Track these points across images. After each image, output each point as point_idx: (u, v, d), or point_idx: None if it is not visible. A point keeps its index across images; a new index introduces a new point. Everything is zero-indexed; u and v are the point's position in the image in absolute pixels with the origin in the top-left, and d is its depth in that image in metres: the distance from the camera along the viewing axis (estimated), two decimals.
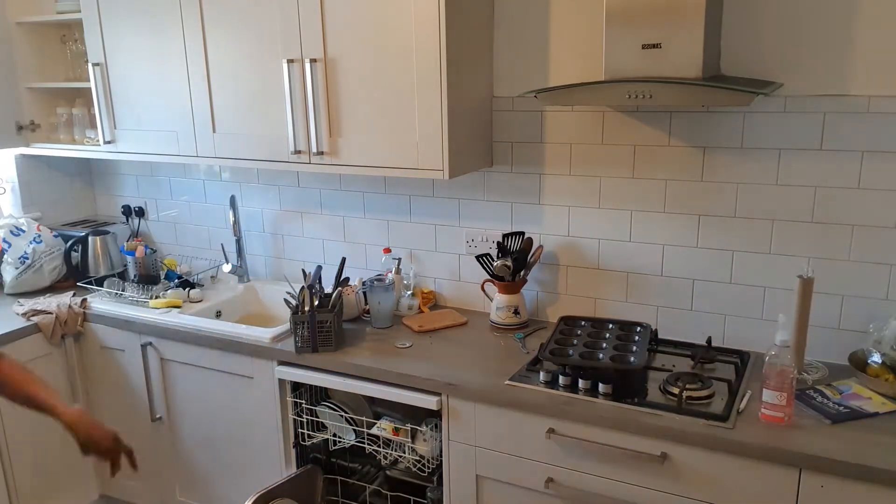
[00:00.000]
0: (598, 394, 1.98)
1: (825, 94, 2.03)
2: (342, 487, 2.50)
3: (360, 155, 2.37)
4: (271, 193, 3.00)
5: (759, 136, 2.12)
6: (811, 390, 1.96)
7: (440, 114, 2.19)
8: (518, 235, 2.50)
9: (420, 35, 2.16)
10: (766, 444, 1.73)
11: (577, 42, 2.29)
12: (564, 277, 2.51)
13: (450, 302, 2.75)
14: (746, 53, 2.09)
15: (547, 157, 2.43)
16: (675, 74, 1.91)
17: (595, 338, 2.22)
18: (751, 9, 2.07)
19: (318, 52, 2.34)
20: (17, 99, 3.09)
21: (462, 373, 2.15)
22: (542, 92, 2.06)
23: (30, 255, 2.98)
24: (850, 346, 2.09)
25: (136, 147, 2.82)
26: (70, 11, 2.89)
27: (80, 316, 2.82)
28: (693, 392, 1.93)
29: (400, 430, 2.24)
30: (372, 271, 2.76)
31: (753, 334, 2.24)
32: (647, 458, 1.86)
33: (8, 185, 3.24)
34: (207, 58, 2.55)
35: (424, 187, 2.67)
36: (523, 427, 2.02)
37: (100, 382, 2.87)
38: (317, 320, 2.30)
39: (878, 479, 1.63)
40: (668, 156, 2.25)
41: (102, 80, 2.81)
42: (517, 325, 2.49)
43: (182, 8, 2.54)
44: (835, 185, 2.06)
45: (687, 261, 2.30)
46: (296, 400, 2.40)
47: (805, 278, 2.00)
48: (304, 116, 2.40)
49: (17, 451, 2.72)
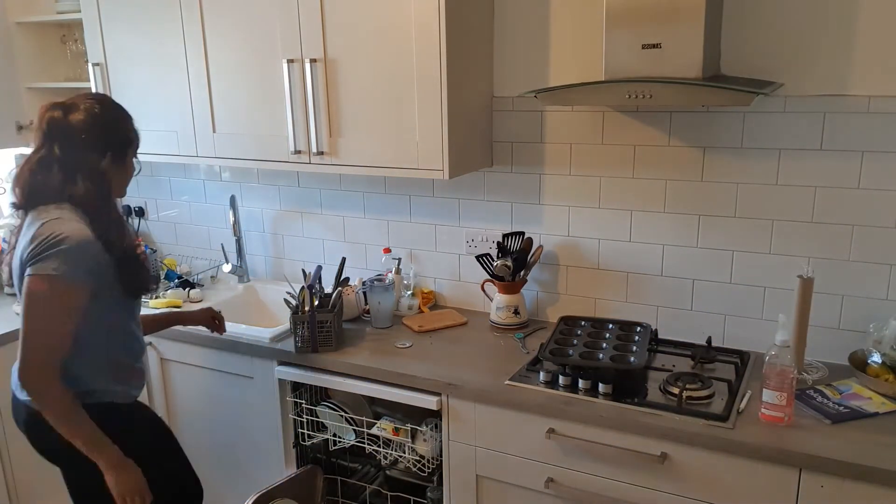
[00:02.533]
0: (598, 394, 1.98)
1: (825, 94, 2.03)
2: (342, 487, 2.50)
3: (360, 155, 2.37)
4: (271, 193, 3.00)
5: (759, 136, 2.12)
6: (811, 390, 1.96)
7: (440, 114, 2.19)
8: (518, 235, 2.50)
9: (420, 35, 2.16)
10: (766, 444, 1.73)
11: (577, 42, 2.29)
12: (564, 277, 2.51)
13: (450, 302, 2.75)
14: (746, 53, 2.09)
15: (547, 157, 2.43)
16: (675, 74, 1.91)
17: (595, 338, 2.22)
18: (751, 9, 2.07)
19: (318, 52, 2.34)
20: (17, 99, 3.08)
21: (462, 373, 2.15)
22: (542, 92, 2.06)
23: None
24: (850, 346, 2.09)
25: None
26: (70, 11, 2.89)
27: None
28: (693, 392, 1.93)
29: (400, 430, 2.25)
30: (372, 271, 2.76)
31: (753, 334, 2.24)
32: (647, 458, 1.86)
33: (8, 185, 3.24)
34: (207, 58, 2.55)
35: (424, 187, 2.67)
36: (523, 427, 2.02)
37: None
38: (317, 320, 2.30)
39: (878, 479, 1.63)
40: (668, 156, 2.25)
41: (102, 80, 2.81)
42: (517, 325, 2.49)
43: (182, 8, 2.54)
44: (835, 185, 2.06)
45: (687, 261, 2.30)
46: (296, 400, 2.40)
47: (805, 278, 2.00)
48: (304, 116, 2.40)
49: (17, 451, 2.72)
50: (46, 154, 1.80)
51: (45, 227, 1.72)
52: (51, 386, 1.73)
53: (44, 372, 1.72)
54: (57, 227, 1.71)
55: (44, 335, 1.72)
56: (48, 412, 1.77)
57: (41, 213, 1.78)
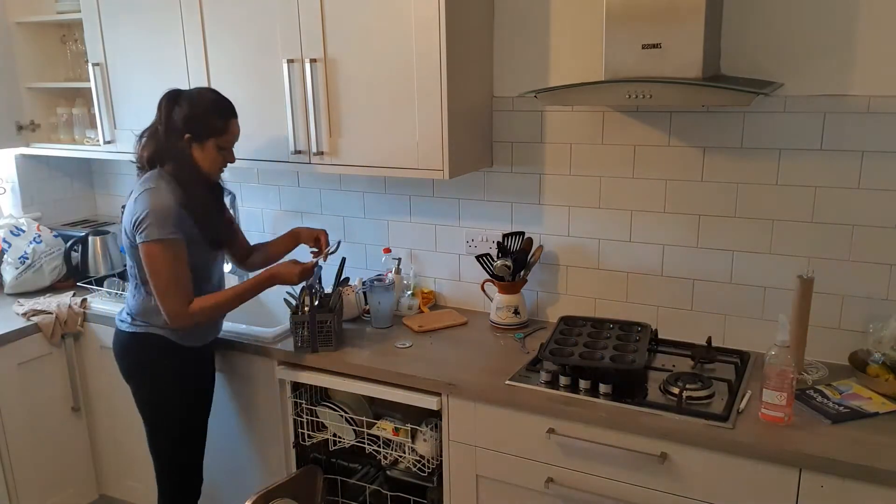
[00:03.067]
0: (599, 394, 1.98)
1: (825, 94, 2.03)
2: (342, 487, 2.50)
3: (360, 155, 2.37)
4: (271, 193, 3.00)
5: (759, 136, 2.12)
6: (811, 390, 1.96)
7: (440, 114, 2.19)
8: (518, 235, 2.50)
9: (420, 35, 2.16)
10: (766, 444, 1.73)
11: (577, 42, 2.29)
12: (564, 277, 2.51)
13: (450, 302, 2.75)
14: (746, 53, 2.09)
15: (547, 157, 2.43)
16: (675, 74, 1.91)
17: (595, 338, 2.22)
18: (751, 9, 2.06)
19: (318, 53, 2.34)
20: (17, 99, 3.09)
21: (462, 373, 2.15)
22: (542, 92, 2.06)
23: (30, 255, 2.98)
24: (850, 346, 2.09)
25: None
26: (70, 11, 2.89)
27: (80, 316, 2.82)
28: (693, 392, 1.93)
29: (400, 430, 2.24)
30: (372, 271, 2.76)
31: (753, 334, 2.24)
32: (647, 458, 1.86)
33: (8, 185, 3.24)
34: (207, 58, 2.55)
35: (424, 187, 2.67)
36: (523, 427, 2.02)
37: (100, 382, 2.87)
38: (317, 320, 2.30)
39: (878, 479, 1.63)
40: (668, 156, 2.25)
41: (102, 80, 2.81)
42: (517, 325, 2.49)
43: (182, 8, 2.54)
44: (835, 185, 2.06)
45: (687, 261, 2.30)
46: (296, 400, 2.40)
47: (805, 278, 2.00)
48: (304, 116, 2.40)
49: (17, 450, 2.72)
50: (153, 130, 2.19)
51: (140, 200, 2.09)
52: (195, 314, 2.14)
53: (184, 309, 2.12)
54: (147, 199, 2.09)
55: (172, 283, 2.10)
56: (218, 316, 2.31)
57: (144, 182, 2.15)
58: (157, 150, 2.17)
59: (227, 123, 2.19)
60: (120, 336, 2.29)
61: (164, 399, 2.27)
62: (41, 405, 2.80)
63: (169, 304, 2.11)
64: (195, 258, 2.17)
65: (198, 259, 2.19)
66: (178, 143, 2.14)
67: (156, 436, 2.31)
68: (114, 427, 2.90)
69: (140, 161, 2.22)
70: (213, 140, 2.18)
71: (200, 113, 2.15)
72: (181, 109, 2.13)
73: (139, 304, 2.22)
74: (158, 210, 2.07)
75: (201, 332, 2.29)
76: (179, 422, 2.30)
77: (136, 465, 2.81)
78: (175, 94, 2.17)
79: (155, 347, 2.22)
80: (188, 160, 2.16)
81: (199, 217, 2.16)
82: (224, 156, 2.23)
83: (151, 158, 2.18)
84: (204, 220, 2.18)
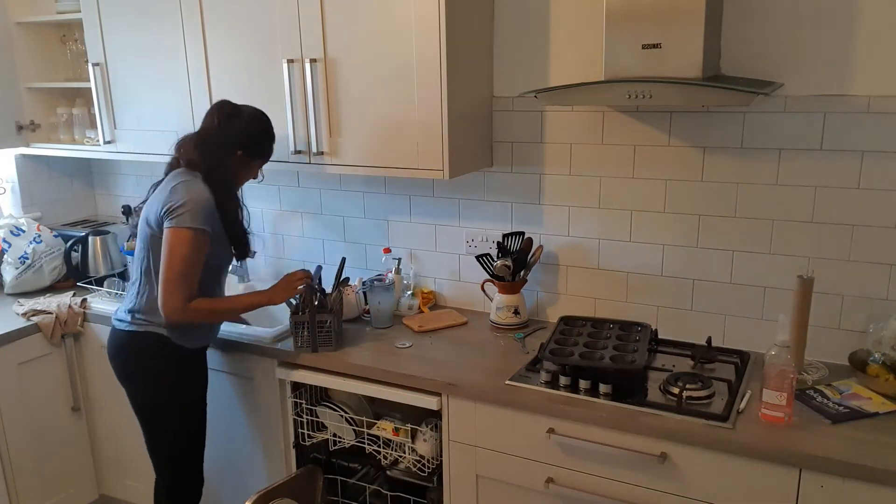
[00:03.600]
0: (599, 394, 1.98)
1: (825, 94, 2.03)
2: (342, 487, 2.50)
3: (360, 155, 2.37)
4: (271, 193, 3.00)
5: (759, 136, 2.12)
6: (811, 390, 1.96)
7: (440, 114, 2.19)
8: (518, 235, 2.50)
9: (420, 35, 2.16)
10: (766, 444, 1.73)
11: (577, 42, 2.29)
12: (564, 277, 2.51)
13: (450, 302, 2.75)
14: (746, 53, 2.09)
15: (547, 157, 2.43)
16: (674, 74, 1.91)
17: (595, 338, 2.22)
18: (751, 9, 2.06)
19: (318, 52, 2.34)
20: (17, 99, 3.09)
21: (462, 373, 2.15)
22: (542, 92, 2.06)
23: (30, 255, 2.98)
24: (850, 346, 2.09)
25: (136, 147, 2.83)
26: (70, 11, 2.89)
27: (80, 316, 2.82)
28: (693, 392, 1.93)
29: (400, 430, 2.24)
30: (372, 271, 2.76)
31: (753, 334, 2.24)
32: (647, 458, 1.86)
33: (8, 185, 3.24)
34: (207, 58, 2.55)
35: (424, 187, 2.67)
36: (523, 427, 2.02)
37: (100, 382, 2.87)
38: (317, 320, 2.30)
39: (878, 479, 1.63)
40: (668, 156, 2.25)
41: (102, 80, 2.81)
42: (517, 325, 2.49)
43: (182, 8, 2.54)
44: (835, 185, 2.06)
45: (687, 261, 2.30)
46: (296, 400, 2.40)
47: (805, 278, 2.00)
48: (304, 116, 2.40)
49: (17, 451, 2.72)
50: (203, 136, 2.21)
51: (178, 190, 2.13)
52: (190, 312, 2.13)
53: (183, 304, 2.11)
54: (186, 190, 2.12)
55: (183, 273, 2.11)
56: (208, 322, 2.29)
57: (179, 174, 2.20)
58: (202, 155, 2.18)
59: (273, 149, 2.31)
60: (116, 335, 2.28)
61: (161, 401, 2.27)
62: (41, 405, 2.80)
63: (171, 293, 2.11)
64: (214, 259, 2.20)
65: (216, 260, 2.23)
66: (228, 154, 2.19)
67: (154, 438, 2.31)
68: (114, 427, 2.90)
69: (182, 163, 2.24)
70: (260, 161, 2.30)
71: (258, 134, 2.24)
72: (239, 124, 2.19)
73: (145, 300, 2.21)
74: (197, 201, 2.11)
75: (201, 335, 2.29)
76: (177, 424, 2.30)
77: (136, 465, 2.81)
78: (233, 107, 2.20)
79: (152, 347, 2.21)
80: (230, 172, 2.22)
81: (230, 221, 2.21)
82: (255, 174, 2.35)
83: (195, 162, 2.20)
84: (234, 226, 2.23)
